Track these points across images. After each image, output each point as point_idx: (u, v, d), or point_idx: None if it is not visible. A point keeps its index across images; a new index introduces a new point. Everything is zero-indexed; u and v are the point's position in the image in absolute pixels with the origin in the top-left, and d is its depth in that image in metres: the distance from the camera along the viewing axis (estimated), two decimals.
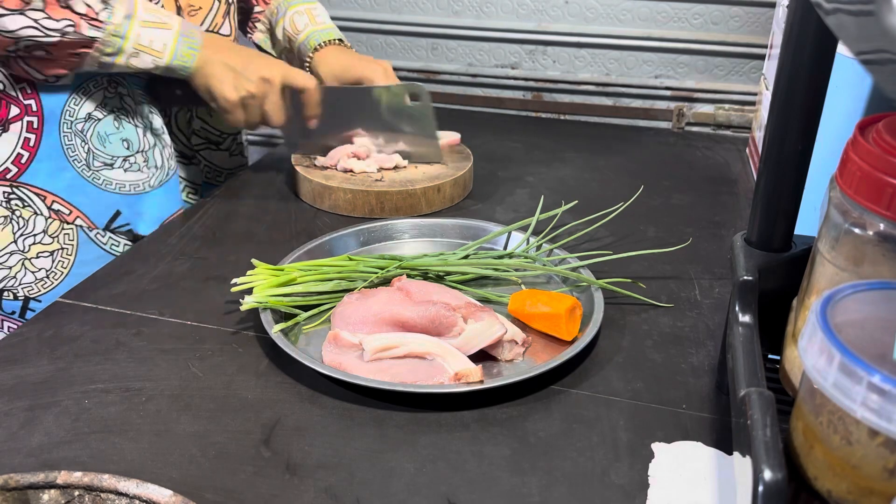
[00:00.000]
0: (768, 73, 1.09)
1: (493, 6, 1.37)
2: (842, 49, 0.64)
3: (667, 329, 0.73)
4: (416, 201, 0.96)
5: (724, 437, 0.59)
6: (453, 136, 1.10)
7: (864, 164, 0.43)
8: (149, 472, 0.56)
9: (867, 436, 0.36)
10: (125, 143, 0.92)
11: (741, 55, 1.30)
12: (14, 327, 0.90)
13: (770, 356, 0.58)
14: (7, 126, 0.85)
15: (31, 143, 0.86)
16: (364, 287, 0.76)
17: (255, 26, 1.13)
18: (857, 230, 0.44)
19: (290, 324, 0.72)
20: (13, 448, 0.58)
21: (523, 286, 0.79)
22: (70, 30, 0.79)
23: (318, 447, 0.58)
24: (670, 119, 1.37)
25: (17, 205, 0.87)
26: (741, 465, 0.43)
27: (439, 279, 0.79)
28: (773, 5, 1.25)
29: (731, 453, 0.57)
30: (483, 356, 0.67)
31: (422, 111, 1.00)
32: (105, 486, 0.47)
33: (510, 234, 0.86)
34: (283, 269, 0.74)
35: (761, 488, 0.38)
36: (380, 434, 0.60)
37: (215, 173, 1.10)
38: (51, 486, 0.47)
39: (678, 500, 0.54)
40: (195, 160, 1.07)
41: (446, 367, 0.64)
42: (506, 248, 0.85)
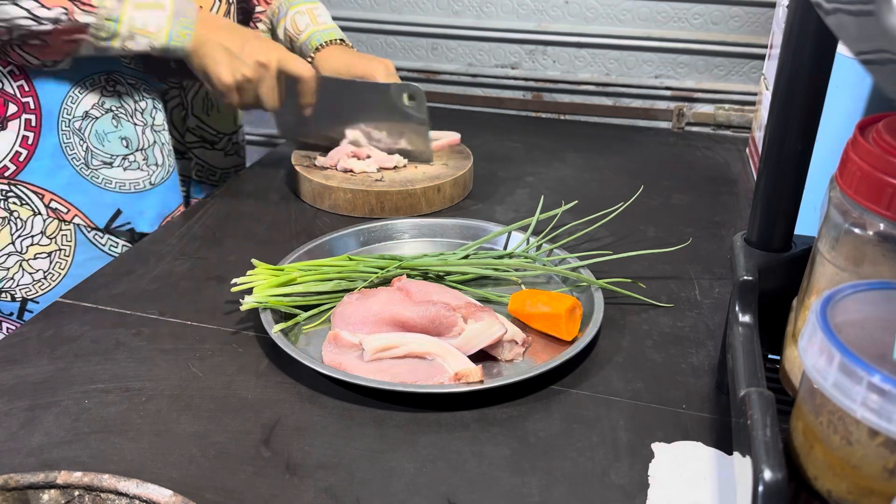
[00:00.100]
0: (768, 73, 1.09)
1: (493, 6, 1.37)
2: (842, 49, 0.64)
3: (667, 329, 0.73)
4: (416, 201, 0.96)
5: (724, 437, 0.59)
6: (453, 136, 1.10)
7: (864, 164, 0.43)
8: (149, 472, 0.56)
9: (867, 436, 0.36)
10: (124, 141, 0.92)
11: (741, 55, 1.30)
12: (12, 328, 0.90)
13: (770, 356, 0.58)
14: (5, 124, 0.85)
15: (30, 141, 0.86)
16: (364, 287, 0.76)
17: (256, 26, 1.13)
18: (857, 230, 0.45)
19: (290, 324, 0.72)
20: (13, 448, 0.58)
21: (523, 286, 0.79)
22: (64, 17, 0.78)
23: (318, 447, 0.58)
24: (670, 119, 1.37)
25: (14, 203, 0.87)
26: (741, 465, 0.43)
27: (439, 279, 0.79)
28: (773, 5, 1.25)
29: (731, 453, 0.57)
30: (483, 356, 0.67)
31: (417, 112, 1.00)
32: (105, 486, 0.47)
33: (510, 234, 0.86)
34: (283, 269, 0.74)
35: (761, 488, 0.38)
36: (380, 434, 0.60)
37: (208, 172, 1.10)
38: (51, 486, 0.47)
39: (678, 500, 0.54)
40: (187, 156, 1.06)
41: (446, 367, 0.64)
42: (506, 248, 0.85)
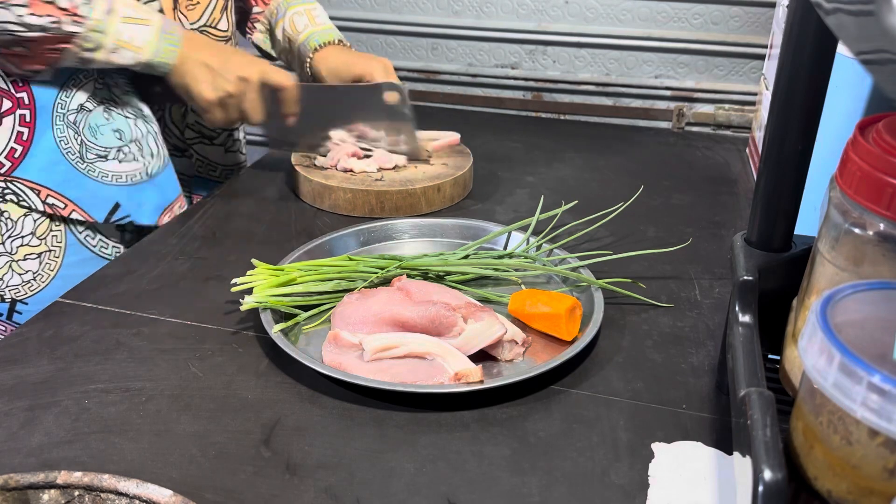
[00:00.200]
0: (768, 73, 1.09)
1: (493, 6, 1.37)
2: (842, 49, 0.64)
3: (667, 329, 0.73)
4: (416, 201, 0.96)
5: (724, 437, 0.59)
6: (453, 136, 1.10)
7: (864, 164, 0.43)
8: (149, 472, 0.56)
9: (867, 436, 0.36)
10: (117, 133, 0.91)
11: (741, 55, 1.30)
12: (1, 329, 0.90)
13: (770, 356, 0.58)
14: (0, 120, 0.85)
15: (25, 137, 0.86)
16: (364, 287, 0.76)
17: (255, 27, 1.13)
18: (857, 230, 0.44)
19: (290, 324, 0.72)
20: (13, 448, 0.58)
21: (523, 286, 0.79)
22: (52, 25, 0.78)
23: (318, 447, 0.58)
24: (670, 119, 1.37)
25: (11, 200, 0.86)
26: (741, 465, 0.43)
27: (439, 279, 0.79)
28: (773, 5, 1.25)
29: (731, 453, 0.57)
30: (483, 356, 0.67)
31: (401, 109, 1.00)
32: (105, 486, 0.47)
33: (510, 234, 0.86)
34: (283, 269, 0.74)
35: (761, 488, 0.38)
36: (380, 434, 0.60)
37: (209, 168, 1.10)
38: (51, 486, 0.47)
39: (678, 500, 0.54)
40: (188, 153, 1.06)
41: (446, 367, 0.64)
42: (506, 248, 0.85)
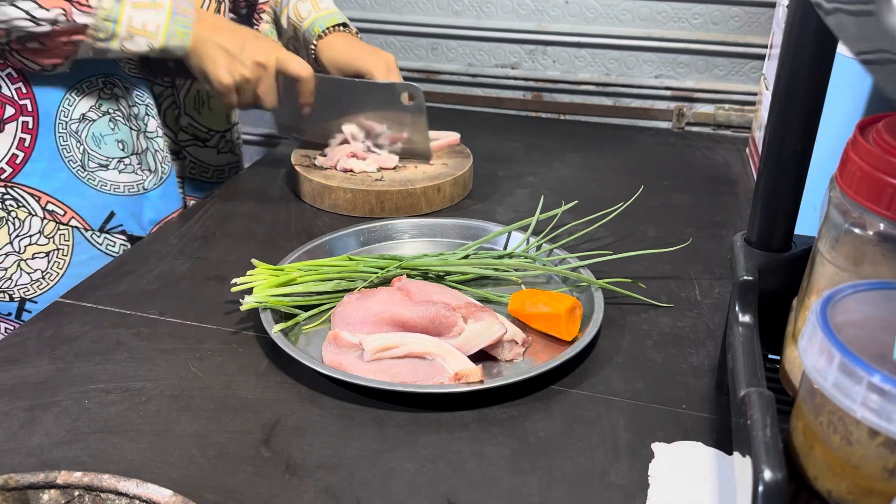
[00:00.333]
0: (768, 73, 1.09)
1: (493, 6, 1.37)
2: (842, 49, 0.64)
3: (667, 329, 0.73)
4: (416, 201, 0.96)
5: (724, 437, 0.59)
6: (453, 136, 1.10)
7: (864, 164, 0.43)
8: (149, 472, 0.56)
9: (867, 436, 0.36)
10: (120, 144, 0.92)
11: (741, 55, 1.30)
12: (11, 328, 0.90)
13: (770, 356, 0.58)
14: (2, 126, 0.85)
15: (27, 144, 0.86)
16: (364, 287, 0.76)
17: (261, 17, 1.13)
18: (857, 230, 0.44)
19: (290, 324, 0.72)
20: (13, 448, 0.58)
21: (523, 286, 0.79)
22: (62, 18, 0.78)
23: (318, 447, 0.58)
24: (670, 119, 1.37)
25: (11, 205, 0.86)
26: (741, 465, 0.43)
27: (439, 279, 0.79)
28: (773, 5, 1.25)
29: (731, 453, 0.57)
30: (483, 356, 0.67)
31: (416, 112, 1.00)
32: (105, 486, 0.47)
33: (510, 234, 0.86)
34: (283, 269, 0.74)
35: (761, 488, 0.38)
36: (380, 434, 0.60)
37: (201, 169, 1.10)
38: (51, 486, 0.47)
39: (678, 500, 0.54)
40: (181, 155, 1.06)
41: (446, 367, 0.64)
42: (506, 248, 0.85)
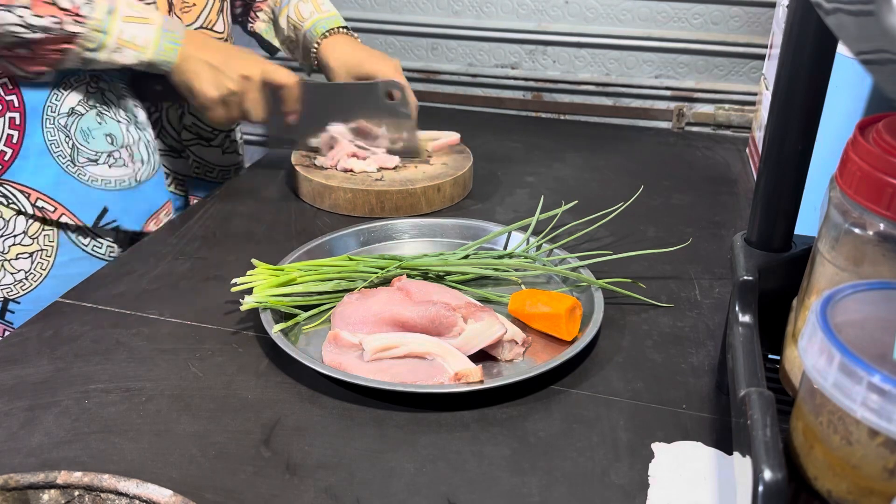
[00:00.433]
0: (768, 73, 1.09)
1: (493, 6, 1.37)
2: (842, 49, 0.64)
3: (667, 329, 0.73)
4: (416, 201, 0.96)
5: (724, 437, 0.59)
6: (453, 136, 1.10)
7: (864, 164, 0.43)
8: (149, 472, 0.56)
9: (867, 436, 0.36)
10: (108, 138, 0.91)
11: (741, 55, 1.30)
12: None
13: (770, 356, 0.58)
14: None
15: (14, 140, 0.85)
16: (364, 287, 0.76)
17: (258, 16, 1.13)
18: (857, 230, 0.44)
19: (290, 324, 0.72)
20: (13, 448, 0.58)
21: (523, 286, 0.79)
22: (55, 26, 0.78)
23: (318, 447, 0.58)
24: (670, 119, 1.37)
25: (0, 202, 0.86)
26: (741, 465, 0.43)
27: (439, 279, 0.79)
28: (773, 5, 1.25)
29: (731, 453, 0.57)
30: (483, 356, 0.67)
31: (400, 108, 1.01)
32: (105, 486, 0.47)
33: (510, 234, 0.86)
34: (283, 269, 0.74)
35: (761, 488, 0.38)
36: (380, 434, 0.60)
37: (206, 169, 1.10)
38: (51, 486, 0.47)
39: (678, 500, 0.54)
40: (184, 154, 1.06)
41: (446, 367, 0.64)
42: (506, 248, 0.85)
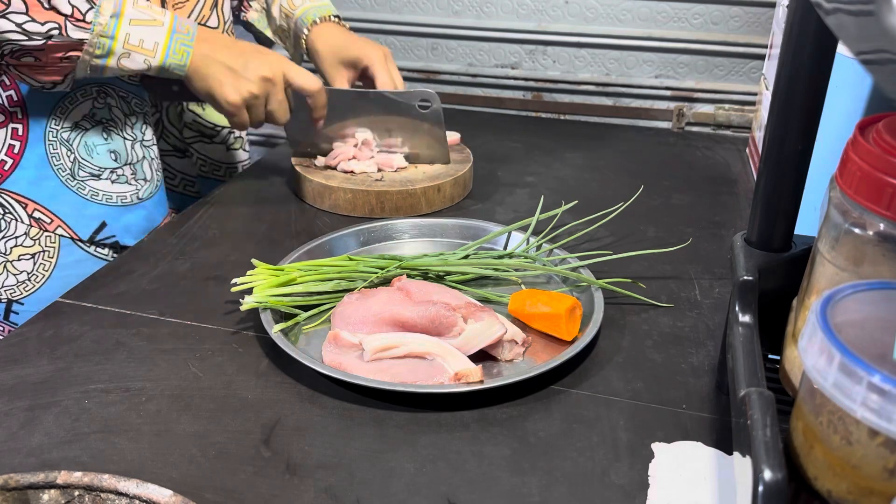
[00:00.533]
0: (768, 73, 1.09)
1: (493, 6, 1.37)
2: (842, 49, 0.64)
3: (667, 329, 0.73)
4: (416, 201, 0.96)
5: (724, 437, 0.59)
6: (453, 136, 1.10)
7: (864, 164, 0.43)
8: (149, 472, 0.56)
9: (867, 436, 0.36)
10: (113, 154, 0.91)
11: (741, 55, 1.30)
12: None
13: (770, 356, 0.58)
14: None
15: (16, 150, 0.85)
16: (364, 287, 0.76)
17: (250, 5, 1.12)
18: (857, 230, 0.44)
19: (290, 324, 0.72)
20: (13, 448, 0.58)
21: (523, 286, 0.79)
22: (55, 32, 0.75)
23: (318, 447, 0.58)
24: (670, 119, 1.37)
25: None
26: (741, 465, 0.43)
27: (439, 279, 0.79)
28: (773, 5, 1.25)
29: (731, 453, 0.57)
30: (483, 356, 0.67)
31: (431, 116, 1.00)
32: (105, 486, 0.47)
33: (510, 234, 0.86)
34: (283, 269, 0.74)
35: (761, 488, 0.38)
36: (380, 434, 0.60)
37: (212, 167, 1.09)
38: (51, 486, 0.47)
39: (678, 500, 0.54)
40: (188, 153, 1.06)
41: (446, 367, 0.64)
42: (506, 248, 0.85)
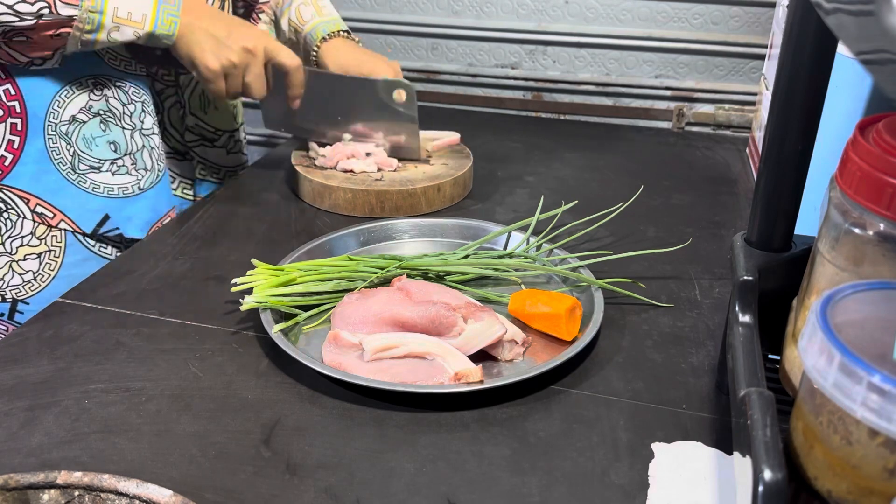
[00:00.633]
0: (768, 73, 1.09)
1: (493, 6, 1.37)
2: (842, 49, 0.64)
3: (667, 329, 0.73)
4: (416, 201, 0.96)
5: (724, 437, 0.59)
6: (453, 136, 1.10)
7: (864, 164, 0.43)
8: (149, 472, 0.56)
9: (867, 436, 0.36)
10: (112, 145, 0.91)
11: (741, 55, 1.30)
12: (3, 329, 0.90)
13: (770, 356, 0.58)
14: None
15: (15, 146, 0.85)
16: (364, 287, 0.76)
17: (259, 17, 1.13)
18: (857, 230, 0.44)
19: (290, 324, 0.72)
20: (13, 448, 0.58)
21: (523, 286, 0.79)
22: (45, 11, 0.77)
23: (318, 447, 0.58)
24: (670, 119, 1.37)
25: (0, 207, 0.86)
26: (741, 465, 0.43)
27: (439, 279, 0.79)
28: (773, 5, 1.25)
29: (731, 453, 0.57)
30: (483, 356, 0.67)
31: (406, 109, 1.01)
32: (105, 486, 0.47)
33: (510, 234, 0.86)
34: (283, 269, 0.74)
35: (761, 488, 0.38)
36: (380, 434, 0.60)
37: (211, 170, 1.10)
38: (51, 486, 0.47)
39: (678, 500, 0.54)
40: (188, 156, 1.06)
41: (446, 367, 0.64)
42: (506, 248, 0.85)
